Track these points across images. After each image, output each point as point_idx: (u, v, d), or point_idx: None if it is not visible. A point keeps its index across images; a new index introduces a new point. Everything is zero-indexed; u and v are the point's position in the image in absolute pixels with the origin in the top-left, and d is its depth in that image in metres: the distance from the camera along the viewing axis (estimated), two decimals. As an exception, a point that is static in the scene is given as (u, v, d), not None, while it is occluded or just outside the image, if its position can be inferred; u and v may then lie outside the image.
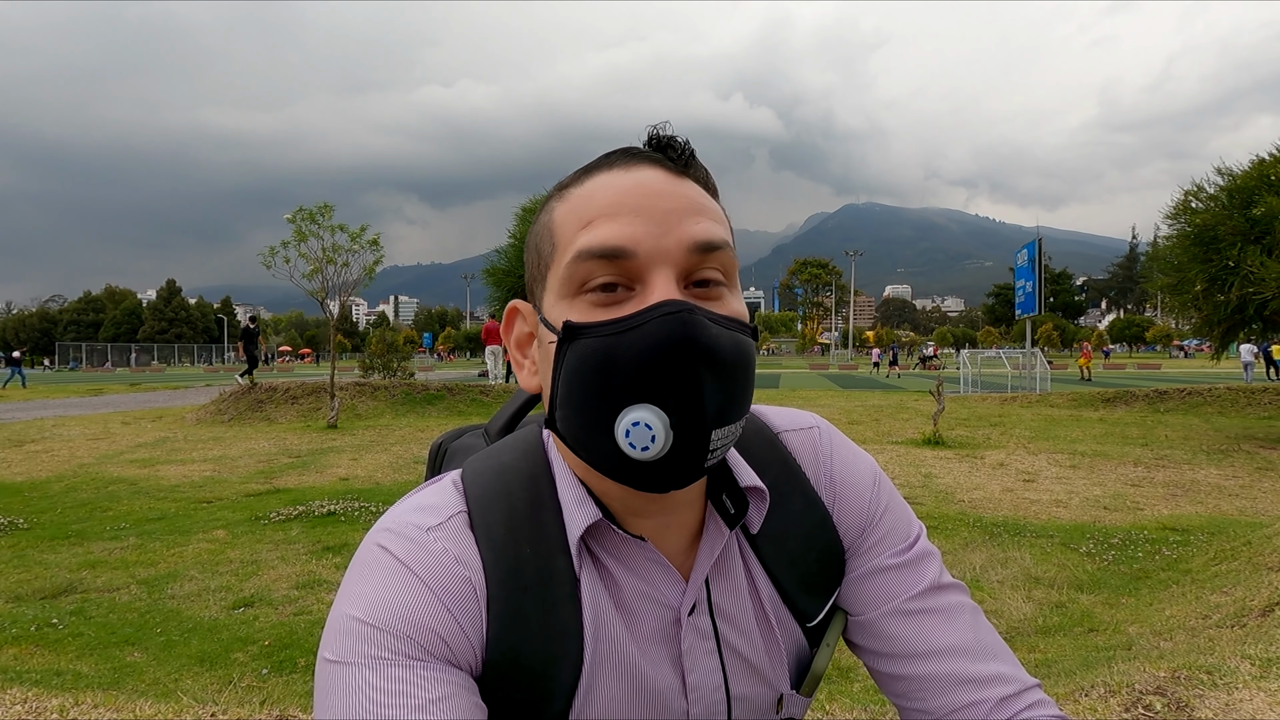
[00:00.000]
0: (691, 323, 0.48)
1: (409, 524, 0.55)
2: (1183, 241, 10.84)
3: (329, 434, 11.63)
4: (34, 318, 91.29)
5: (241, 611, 4.04)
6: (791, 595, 0.63)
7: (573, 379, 0.51)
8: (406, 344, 21.83)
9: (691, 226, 0.53)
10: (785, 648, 0.64)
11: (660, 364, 0.48)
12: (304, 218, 12.74)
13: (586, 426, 0.51)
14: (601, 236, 0.51)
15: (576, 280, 0.52)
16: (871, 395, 19.82)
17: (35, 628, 3.82)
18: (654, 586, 0.59)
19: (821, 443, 0.69)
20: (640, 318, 0.49)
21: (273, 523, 5.91)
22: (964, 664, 0.61)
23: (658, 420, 0.48)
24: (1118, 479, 7.57)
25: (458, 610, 0.52)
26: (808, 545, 0.64)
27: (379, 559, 0.53)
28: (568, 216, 0.54)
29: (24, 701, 2.01)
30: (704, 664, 0.60)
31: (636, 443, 0.49)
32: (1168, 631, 3.45)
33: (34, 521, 6.13)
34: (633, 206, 0.52)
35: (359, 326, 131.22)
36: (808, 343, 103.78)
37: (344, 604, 0.52)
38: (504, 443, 0.65)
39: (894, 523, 0.68)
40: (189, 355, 76.08)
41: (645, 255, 0.51)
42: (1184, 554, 4.88)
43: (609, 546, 0.58)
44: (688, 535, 0.61)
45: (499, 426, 0.77)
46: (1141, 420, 12.59)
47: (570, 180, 0.57)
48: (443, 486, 0.60)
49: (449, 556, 0.54)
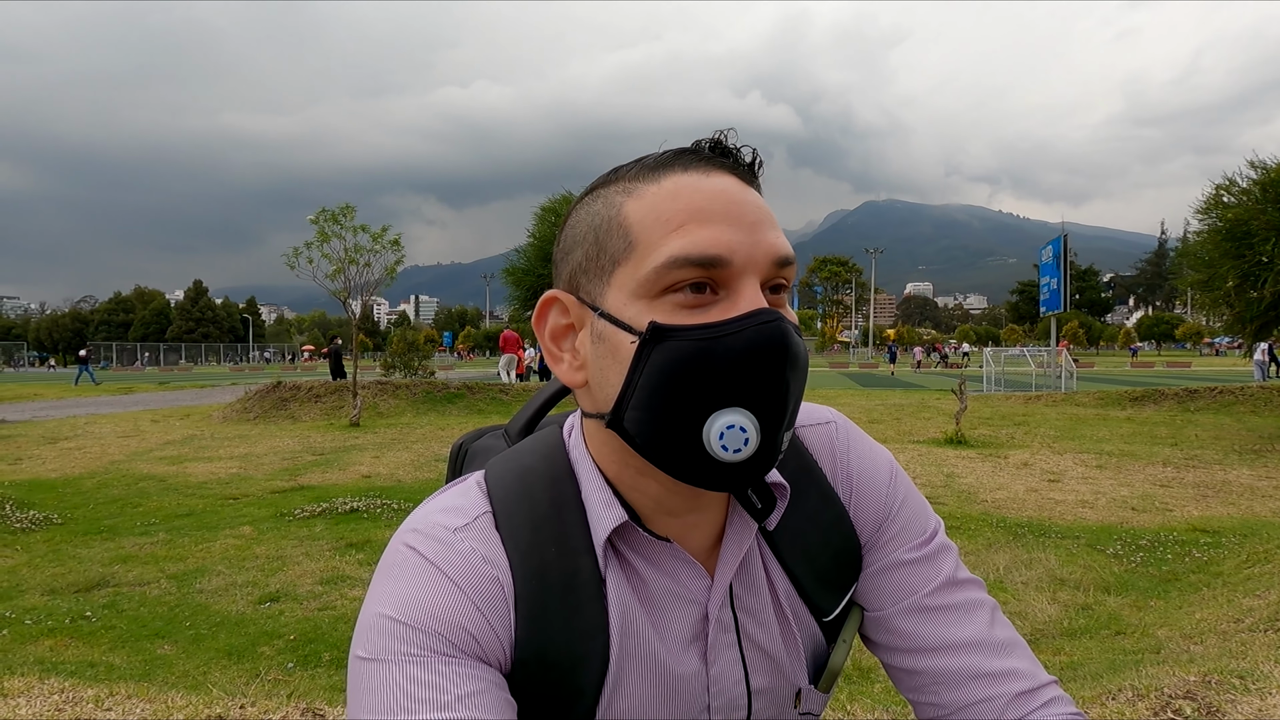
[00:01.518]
0: (786, 331, 0.51)
1: (436, 524, 0.56)
2: (1214, 237, 10.60)
3: (352, 432, 11.79)
4: (67, 318, 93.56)
5: (268, 606, 4.12)
6: (808, 590, 0.64)
7: (659, 380, 0.51)
8: (427, 343, 22.02)
9: (774, 238, 0.54)
10: (802, 642, 0.64)
11: (758, 369, 0.50)
12: (326, 219, 12.91)
13: (669, 428, 0.51)
14: (698, 244, 0.51)
15: (664, 283, 0.51)
16: (892, 394, 19.63)
17: (70, 620, 3.92)
18: (681, 583, 0.60)
19: (838, 438, 0.69)
20: (739, 324, 0.50)
21: (297, 519, 6.01)
22: (979, 659, 0.61)
23: (751, 424, 0.50)
24: (1146, 479, 7.43)
25: (487, 608, 0.53)
26: (824, 541, 0.65)
27: (408, 559, 0.54)
28: (649, 215, 0.53)
29: (61, 692, 2.08)
30: (725, 656, 0.61)
31: (730, 445, 0.50)
32: (1198, 635, 3.38)
33: (68, 517, 6.29)
34: (722, 214, 0.52)
35: (380, 326, 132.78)
36: (827, 341, 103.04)
37: (375, 603, 0.53)
38: (525, 444, 0.65)
39: (910, 517, 0.67)
40: (215, 354, 77.44)
41: (739, 264, 0.52)
42: (1215, 556, 4.78)
43: (635, 546, 0.59)
44: (713, 532, 0.62)
45: (519, 427, 0.77)
46: (1171, 419, 12.33)
47: (637, 174, 0.56)
48: (467, 488, 0.61)
49: (477, 556, 0.55)
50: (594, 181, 0.59)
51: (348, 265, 13.00)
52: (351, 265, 13.04)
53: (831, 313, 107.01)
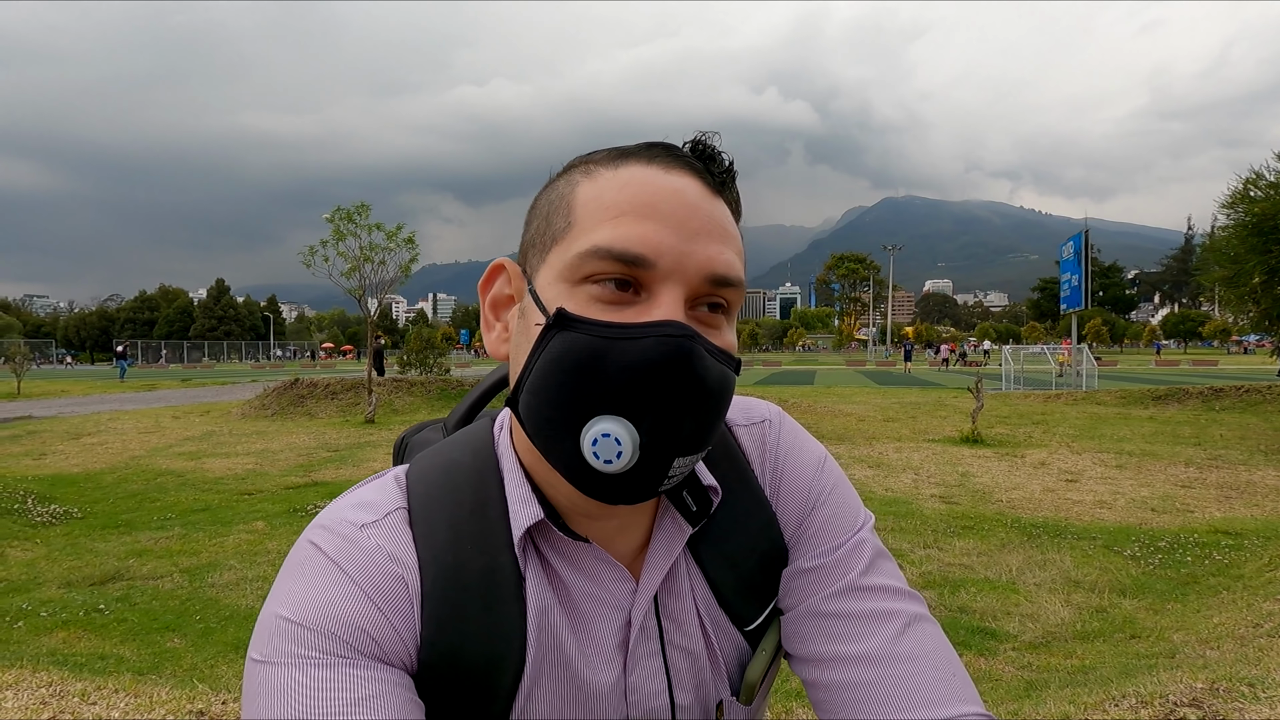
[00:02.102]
0: (690, 350, 0.47)
1: (343, 520, 0.54)
2: (1240, 232, 10.36)
3: (367, 429, 11.89)
4: (94, 316, 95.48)
5: (276, 601, 4.17)
6: (727, 599, 0.60)
7: (551, 369, 0.49)
8: (444, 341, 22.23)
9: (715, 253, 0.51)
10: (723, 652, 0.61)
11: (647, 381, 0.47)
12: (342, 217, 13.04)
13: (552, 422, 0.50)
14: (625, 237, 0.49)
15: (584, 271, 0.50)
16: (909, 392, 19.43)
17: (84, 613, 3.99)
18: (602, 586, 0.57)
19: (769, 435, 0.66)
20: (641, 330, 0.48)
21: (309, 515, 6.07)
22: (872, 679, 0.54)
23: (628, 436, 0.47)
24: (1167, 480, 7.28)
25: (388, 608, 0.51)
26: (750, 547, 0.61)
27: (310, 556, 0.52)
28: (593, 199, 0.52)
29: (49, 685, 2.11)
30: (646, 665, 0.58)
31: (601, 454, 0.48)
32: (1215, 640, 3.30)
33: (87, 511, 6.41)
34: (664, 213, 0.50)
35: (399, 324, 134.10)
36: (845, 339, 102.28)
37: (273, 603, 0.51)
38: (454, 438, 0.63)
39: (832, 514, 0.62)
40: (237, 352, 78.64)
41: (664, 269, 0.49)
42: (1236, 559, 4.66)
43: (556, 546, 0.57)
44: (640, 534, 0.59)
45: (456, 420, 0.75)
46: (1194, 419, 12.08)
47: (602, 159, 0.54)
48: (384, 483, 0.59)
49: (382, 554, 0.53)
50: (570, 160, 0.58)
51: (362, 263, 13.12)
52: (366, 263, 13.16)
53: (849, 310, 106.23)
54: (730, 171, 0.55)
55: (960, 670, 0.56)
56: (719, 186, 0.54)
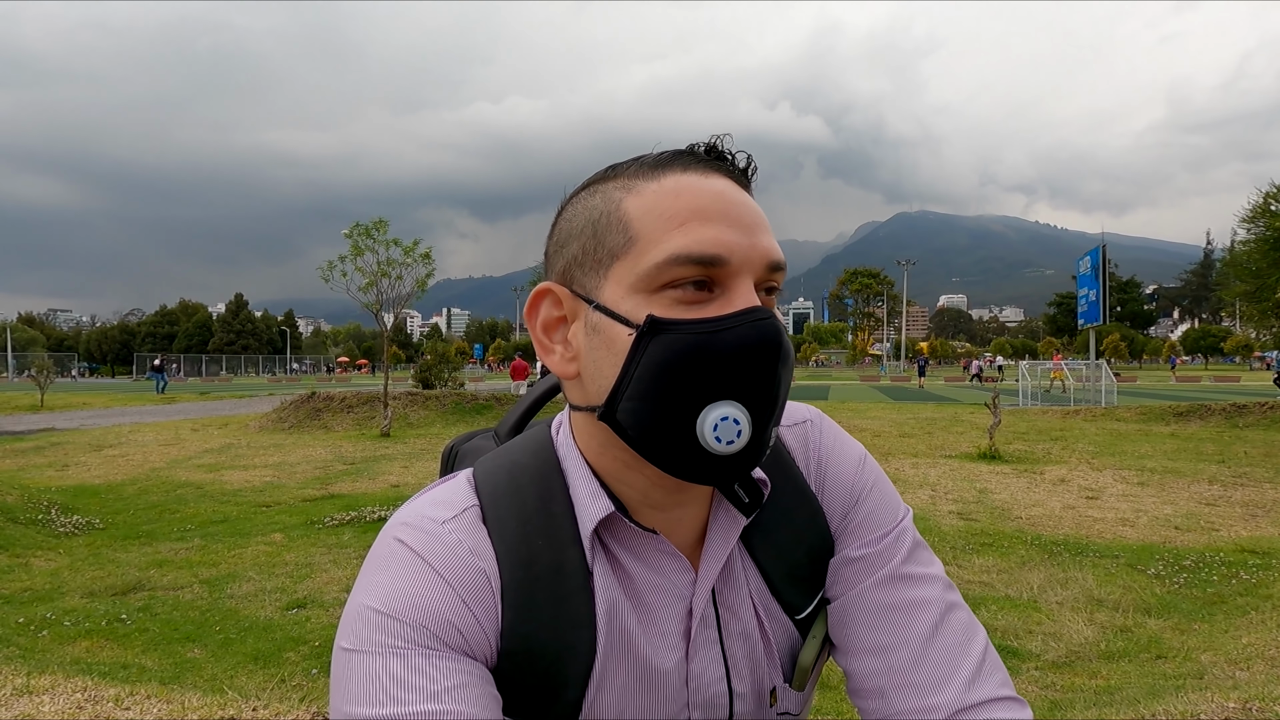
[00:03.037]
0: (778, 328, 0.53)
1: (424, 517, 0.57)
2: (1261, 246, 10.26)
3: (382, 442, 11.97)
4: (115, 330, 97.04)
5: (295, 613, 4.19)
6: (778, 587, 0.63)
7: (655, 372, 0.52)
8: (458, 355, 22.37)
9: (768, 242, 0.56)
10: (776, 640, 0.64)
11: (752, 363, 0.52)
12: (360, 233, 13.21)
13: (664, 419, 0.52)
14: (700, 242, 0.53)
15: (663, 278, 0.53)
16: (924, 408, 19.27)
17: (106, 623, 4.04)
18: (665, 577, 0.60)
19: (811, 434, 0.70)
20: (736, 319, 0.52)
21: (327, 527, 6.11)
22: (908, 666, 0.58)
23: (744, 416, 0.52)
24: (1190, 497, 7.16)
25: (472, 601, 0.54)
26: (797, 538, 0.64)
27: (395, 551, 0.55)
28: (650, 211, 0.54)
29: (84, 690, 2.14)
30: (706, 653, 0.60)
31: (723, 436, 0.51)
32: (1244, 661, 3.23)
33: (109, 522, 6.50)
34: (721, 214, 0.54)
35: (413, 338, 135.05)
36: (858, 354, 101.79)
37: (361, 594, 0.53)
38: (513, 443, 0.66)
39: (874, 508, 0.66)
40: (254, 366, 79.50)
41: (736, 263, 0.53)
42: (1264, 578, 4.57)
43: (621, 539, 0.59)
44: (697, 527, 0.62)
45: (508, 428, 0.78)
46: (1218, 436, 11.88)
47: (636, 172, 0.57)
48: (456, 483, 0.62)
49: (464, 548, 0.55)
50: (589, 178, 0.60)
51: (379, 278, 13.26)
52: (384, 278, 13.31)
53: (863, 325, 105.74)
54: (753, 168, 0.60)
55: (993, 655, 0.60)
56: (744, 182, 0.59)
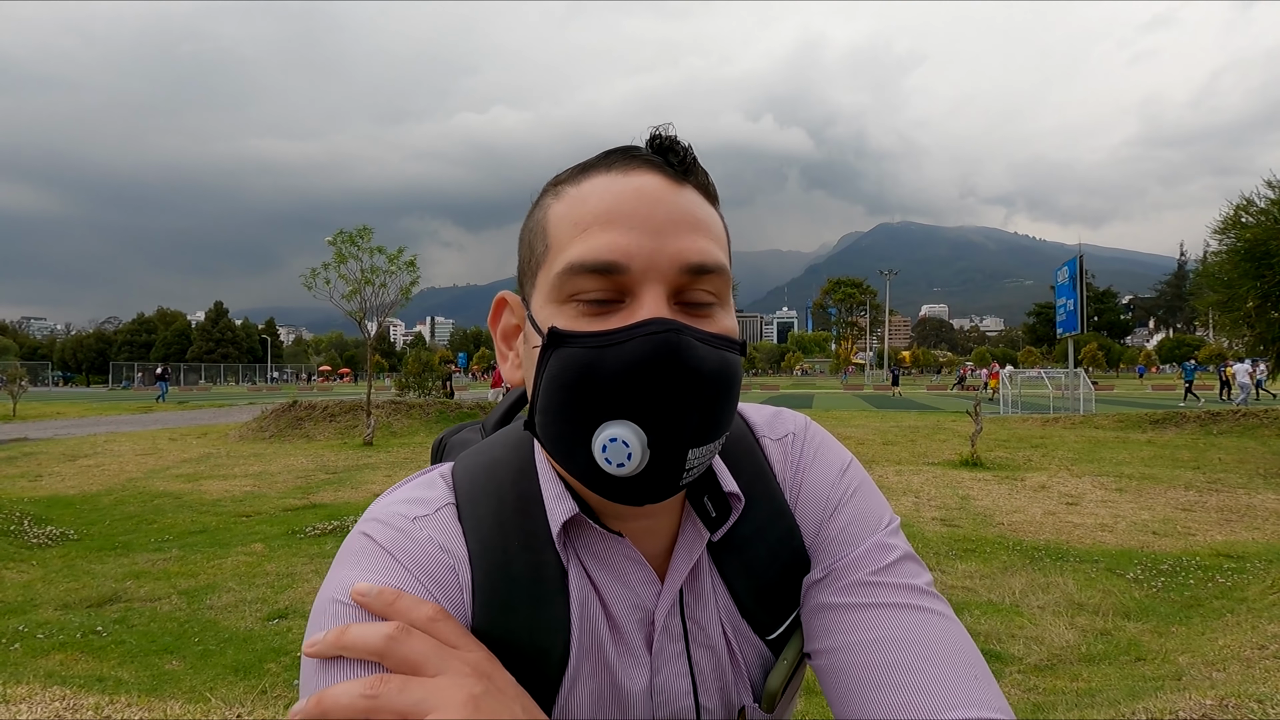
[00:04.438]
0: (677, 344, 0.48)
1: (396, 514, 0.56)
2: (1233, 257, 10.49)
3: (365, 451, 11.85)
4: (91, 339, 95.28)
5: (276, 623, 4.12)
6: (747, 606, 0.60)
7: (553, 387, 0.50)
8: (442, 364, 22.24)
9: (687, 244, 0.51)
10: (745, 659, 0.61)
11: (641, 382, 0.47)
12: (344, 240, 13.12)
13: (563, 437, 0.51)
14: (594, 250, 0.50)
15: (567, 289, 0.51)
16: (907, 416, 19.43)
17: (81, 635, 3.95)
18: (630, 586, 0.58)
19: (793, 448, 0.66)
20: (625, 334, 0.48)
21: (308, 537, 6.03)
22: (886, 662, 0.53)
23: (635, 438, 0.48)
24: (1167, 503, 7.28)
25: (441, 596, 0.52)
26: (770, 556, 0.61)
27: (364, 546, 0.54)
28: (562, 218, 0.53)
29: (62, 699, 2.09)
30: (671, 667, 0.58)
31: (612, 459, 0.48)
32: (1221, 662, 3.29)
33: (84, 533, 6.36)
34: (627, 216, 0.51)
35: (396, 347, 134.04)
36: (842, 363, 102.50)
37: (329, 590, 0.52)
38: (496, 437, 0.65)
39: (854, 516, 0.62)
40: (234, 374, 78.36)
41: (638, 270, 0.50)
42: (1240, 582, 4.66)
43: (589, 543, 0.58)
44: (665, 539, 0.60)
45: (494, 421, 0.77)
46: (1193, 443, 12.10)
47: (567, 177, 0.56)
48: (431, 479, 0.60)
49: (434, 545, 0.54)
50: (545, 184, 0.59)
51: (363, 286, 13.17)
52: (367, 286, 13.22)
53: (846, 335, 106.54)
54: (689, 156, 0.55)
55: (985, 673, 0.53)
56: (682, 175, 0.54)
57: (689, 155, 0.55)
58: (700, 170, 0.56)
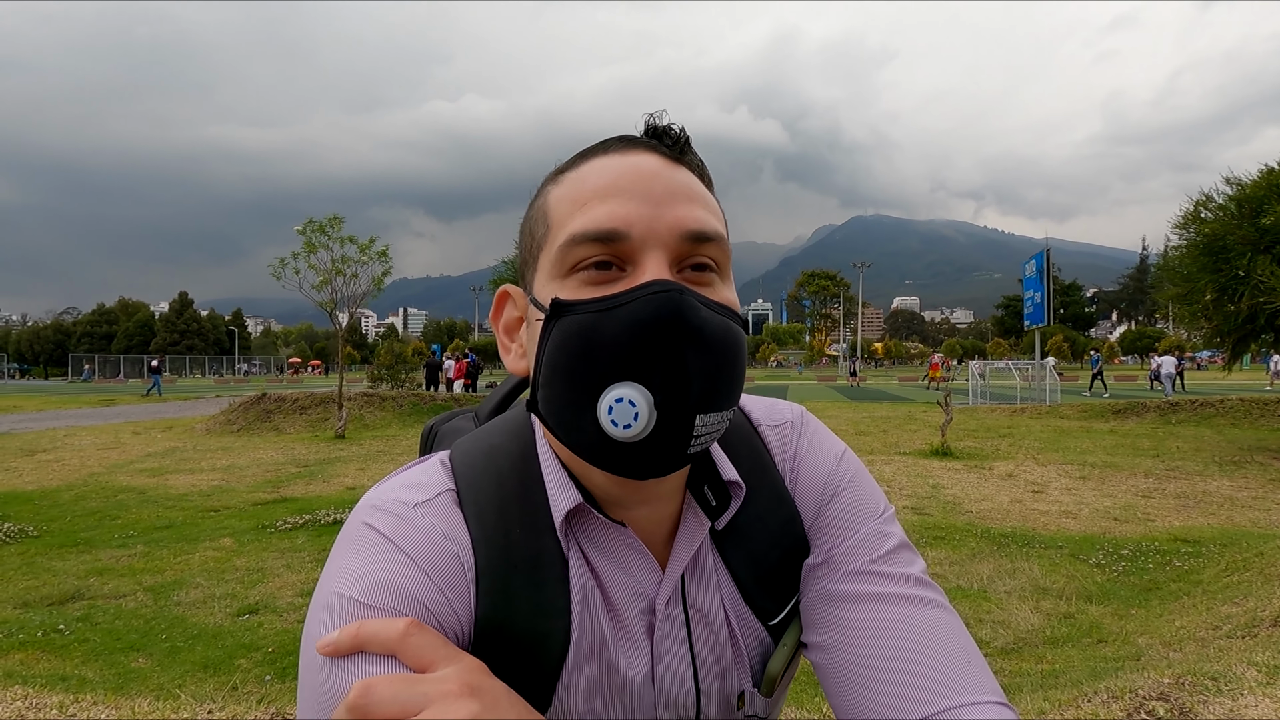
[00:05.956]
0: (680, 302, 0.48)
1: (396, 500, 0.55)
2: (1192, 251, 10.79)
3: (337, 444, 11.68)
4: (48, 330, 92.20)
5: (246, 619, 4.06)
6: (750, 592, 0.61)
7: (557, 355, 0.51)
8: (415, 355, 22.03)
9: (685, 212, 0.52)
10: (746, 645, 0.62)
11: (647, 341, 0.48)
12: (314, 229, 12.87)
13: (569, 405, 0.51)
14: (595, 219, 0.51)
15: (569, 261, 0.52)
16: (879, 407, 19.72)
17: (42, 633, 3.85)
18: (631, 575, 0.58)
19: (791, 435, 0.67)
20: (629, 295, 0.49)
21: (279, 531, 5.94)
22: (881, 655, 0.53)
23: (642, 398, 0.48)
24: (1128, 490, 7.50)
25: (445, 585, 0.52)
26: (772, 543, 0.62)
27: (365, 535, 0.53)
28: (562, 199, 0.54)
29: (25, 699, 2.03)
30: (673, 654, 0.59)
31: (619, 420, 0.48)
32: (1178, 642, 3.41)
33: (44, 529, 6.18)
34: (627, 188, 0.52)
35: (368, 338, 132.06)
36: (816, 354, 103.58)
37: (331, 580, 0.52)
38: (494, 424, 0.64)
39: (851, 502, 0.63)
40: (200, 367, 76.61)
41: (638, 237, 0.51)
42: (1195, 565, 4.82)
43: (590, 532, 0.58)
44: (666, 527, 0.60)
45: (489, 409, 0.77)
46: (1153, 432, 12.47)
47: (566, 165, 0.57)
48: (430, 465, 0.60)
49: (436, 532, 0.54)
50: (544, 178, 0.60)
51: (334, 276, 12.95)
52: (338, 276, 13.00)
53: (820, 326, 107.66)
54: (683, 138, 0.56)
55: (978, 660, 0.54)
56: (678, 155, 0.56)
57: (682, 136, 0.56)
58: (694, 154, 0.58)
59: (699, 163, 0.58)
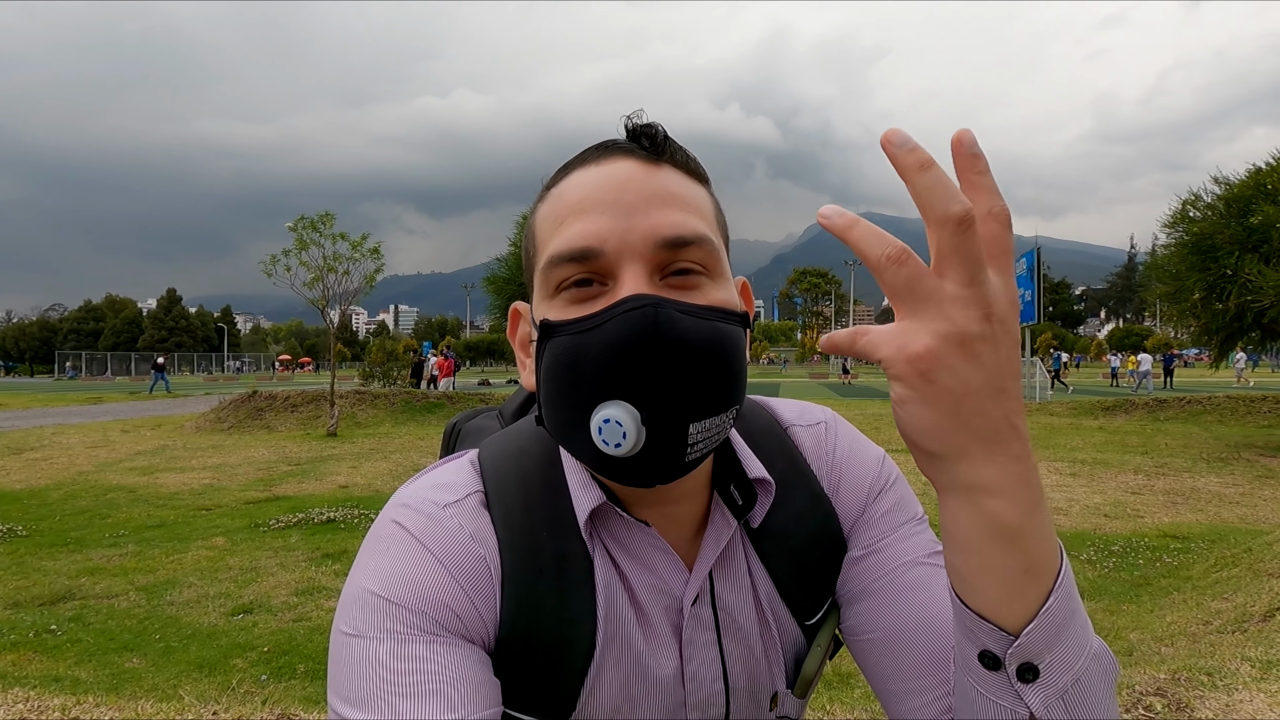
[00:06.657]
0: (655, 317, 0.47)
1: (425, 500, 0.56)
2: (1180, 250, 10.89)
3: (329, 442, 11.62)
4: (34, 327, 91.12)
5: (241, 618, 4.04)
6: (790, 592, 0.61)
7: (549, 377, 0.51)
8: (407, 353, 21.96)
9: (659, 219, 0.51)
10: (782, 645, 0.62)
11: (626, 359, 0.48)
12: (305, 226, 12.79)
13: (566, 424, 0.51)
14: (569, 239, 0.51)
15: (553, 282, 0.53)
16: (871, 404, 19.80)
17: (34, 634, 3.81)
18: (658, 574, 0.58)
19: (827, 436, 0.68)
20: (605, 314, 0.49)
21: (272, 530, 5.90)
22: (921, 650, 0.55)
23: (628, 416, 0.48)
24: (1118, 487, 7.57)
25: (471, 587, 0.53)
26: (810, 542, 0.62)
27: (395, 534, 0.54)
28: (544, 218, 0.55)
29: (26, 701, 2.02)
30: (703, 654, 0.59)
31: (609, 440, 0.48)
32: (1169, 638, 3.45)
33: (33, 529, 6.12)
34: (599, 201, 0.52)
35: (359, 335, 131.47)
36: (807, 352, 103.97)
37: (360, 577, 0.52)
38: (520, 425, 0.65)
39: (895, 502, 0.65)
40: (189, 364, 75.98)
41: (613, 251, 0.51)
42: (1185, 561, 4.87)
43: (615, 532, 0.58)
44: (692, 526, 0.60)
45: (514, 409, 0.77)
46: (1141, 429, 12.59)
47: (552, 179, 0.58)
48: (460, 465, 0.60)
49: (464, 534, 0.54)
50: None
51: (326, 273, 12.88)
52: (330, 273, 12.93)
53: (811, 324, 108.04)
54: (661, 136, 0.55)
55: None
56: (657, 156, 0.54)
57: (660, 135, 0.55)
58: (676, 148, 0.56)
59: (684, 158, 0.57)
